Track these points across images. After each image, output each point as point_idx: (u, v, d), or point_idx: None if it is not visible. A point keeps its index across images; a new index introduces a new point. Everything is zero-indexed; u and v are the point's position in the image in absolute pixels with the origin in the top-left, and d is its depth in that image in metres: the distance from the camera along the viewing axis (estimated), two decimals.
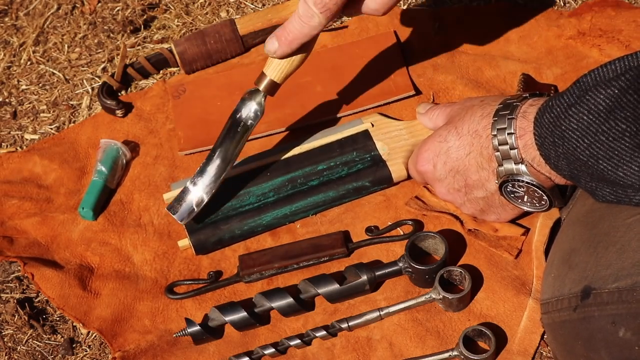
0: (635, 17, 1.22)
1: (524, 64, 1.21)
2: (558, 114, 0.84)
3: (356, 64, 1.24)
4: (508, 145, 0.93)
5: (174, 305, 1.09)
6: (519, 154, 0.92)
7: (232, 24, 1.27)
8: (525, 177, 0.93)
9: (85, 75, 1.33)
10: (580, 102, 0.81)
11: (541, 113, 0.87)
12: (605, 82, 0.80)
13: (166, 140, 1.23)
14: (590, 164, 0.83)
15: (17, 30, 1.40)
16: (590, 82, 0.82)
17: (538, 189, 0.94)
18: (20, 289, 1.14)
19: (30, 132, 1.28)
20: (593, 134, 0.81)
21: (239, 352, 1.04)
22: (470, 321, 1.03)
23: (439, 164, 1.03)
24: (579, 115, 0.82)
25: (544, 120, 0.86)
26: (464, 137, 1.00)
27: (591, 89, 0.81)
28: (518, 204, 0.99)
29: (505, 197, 0.99)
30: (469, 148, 0.99)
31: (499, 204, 1.02)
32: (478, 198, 1.02)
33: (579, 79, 0.83)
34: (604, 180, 0.84)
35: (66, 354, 1.09)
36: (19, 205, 1.18)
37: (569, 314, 0.89)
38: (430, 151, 1.03)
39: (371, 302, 1.06)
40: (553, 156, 0.87)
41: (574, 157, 0.84)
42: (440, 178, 1.04)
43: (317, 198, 1.12)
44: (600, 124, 0.80)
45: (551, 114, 0.85)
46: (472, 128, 0.99)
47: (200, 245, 1.11)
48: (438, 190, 1.06)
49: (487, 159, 0.98)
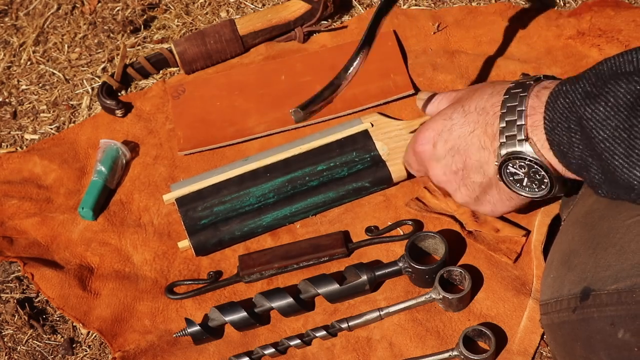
0: (635, 17, 1.22)
1: (524, 63, 1.21)
2: (573, 100, 0.82)
3: None
4: (515, 123, 0.90)
5: (174, 305, 1.09)
6: (525, 132, 0.89)
7: (232, 24, 1.27)
8: (529, 155, 0.90)
9: (85, 75, 1.33)
10: (601, 94, 0.79)
11: (554, 97, 0.84)
12: (626, 76, 0.78)
13: (166, 140, 1.23)
14: (605, 157, 0.80)
15: (17, 30, 1.40)
16: (607, 72, 0.80)
17: (541, 168, 0.91)
18: (20, 289, 1.14)
19: (30, 132, 1.28)
20: (612, 128, 0.78)
21: (239, 352, 1.04)
22: (470, 321, 1.03)
23: (440, 142, 1.00)
24: (595, 105, 0.79)
25: (558, 105, 0.84)
26: (470, 115, 0.97)
27: (610, 81, 0.79)
28: (516, 188, 0.96)
29: (504, 180, 0.95)
30: (474, 125, 0.96)
31: (495, 191, 0.99)
32: (474, 183, 0.99)
33: (595, 66, 0.82)
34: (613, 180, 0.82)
35: (66, 354, 1.09)
36: (19, 206, 1.19)
37: (568, 315, 0.89)
38: (432, 129, 1.01)
39: (371, 302, 1.06)
40: (565, 142, 0.85)
41: (589, 146, 0.82)
42: (439, 158, 1.01)
43: (317, 199, 1.12)
44: (623, 121, 0.78)
45: (566, 100, 0.83)
46: (479, 105, 0.96)
47: (201, 247, 1.11)
48: (433, 172, 1.03)
49: (490, 137, 0.95)
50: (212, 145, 1.20)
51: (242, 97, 1.24)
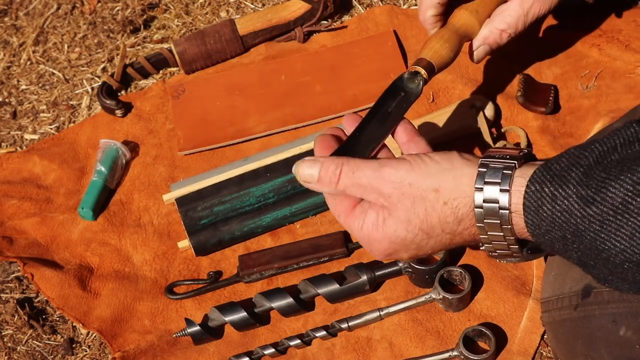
0: (635, 17, 1.22)
1: (524, 63, 1.21)
2: (568, 208, 0.71)
3: (356, 64, 1.24)
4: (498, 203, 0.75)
5: (174, 305, 1.09)
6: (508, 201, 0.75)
7: (232, 24, 1.27)
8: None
9: (85, 75, 1.33)
10: (596, 197, 0.69)
11: (535, 201, 0.73)
12: (617, 172, 0.69)
13: (166, 140, 1.23)
14: (606, 255, 0.71)
15: (17, 30, 1.40)
16: (592, 161, 0.71)
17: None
18: (20, 289, 1.14)
19: (30, 132, 1.28)
20: (615, 229, 0.69)
21: (239, 352, 1.04)
22: (470, 321, 1.03)
23: (401, 251, 0.82)
24: (596, 209, 0.69)
25: (544, 212, 0.72)
26: (441, 236, 0.80)
27: (605, 182, 0.69)
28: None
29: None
30: (448, 241, 0.80)
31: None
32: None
33: (577, 158, 0.72)
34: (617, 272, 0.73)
35: (66, 354, 1.08)
36: (19, 206, 1.18)
37: (569, 312, 0.89)
38: (386, 250, 0.82)
39: (371, 302, 1.06)
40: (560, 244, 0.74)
41: (591, 249, 0.72)
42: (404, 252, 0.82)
43: (317, 199, 1.11)
44: (624, 223, 0.68)
45: (554, 206, 0.71)
46: (447, 229, 0.79)
47: (201, 247, 1.11)
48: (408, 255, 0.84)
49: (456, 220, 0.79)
50: (212, 145, 1.20)
51: (242, 97, 1.24)
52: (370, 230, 0.80)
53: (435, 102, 1.20)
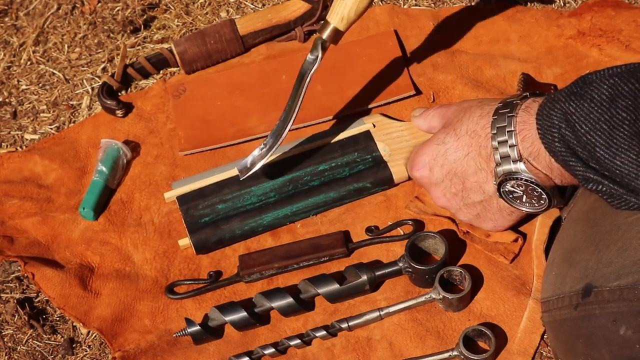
0: (635, 17, 1.22)
1: (524, 63, 1.21)
2: (558, 99, 0.85)
3: (356, 64, 1.24)
4: (507, 143, 0.92)
5: (174, 305, 1.09)
6: (517, 152, 0.92)
7: (232, 24, 1.27)
8: (524, 174, 0.93)
9: (85, 75, 1.33)
10: (582, 92, 0.83)
11: (543, 104, 0.88)
12: (608, 78, 0.82)
13: (167, 139, 1.23)
14: (589, 149, 0.83)
15: (17, 30, 1.40)
16: (593, 77, 0.84)
17: (537, 186, 0.94)
18: (20, 289, 1.14)
19: (30, 132, 1.28)
20: (594, 121, 0.82)
21: (239, 352, 1.04)
22: (470, 321, 1.03)
23: (436, 167, 1.02)
24: (580, 102, 0.83)
25: (544, 110, 0.87)
26: (462, 138, 0.99)
27: (595, 82, 0.83)
28: (517, 205, 0.99)
29: (503, 198, 0.98)
30: (467, 149, 0.99)
31: (496, 208, 1.01)
32: (475, 202, 1.01)
33: (582, 75, 0.85)
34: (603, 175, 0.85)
35: (66, 354, 1.08)
36: (20, 205, 1.18)
37: (569, 312, 0.89)
38: (427, 155, 1.03)
39: (371, 302, 1.06)
40: (557, 140, 0.87)
41: (573, 141, 0.85)
42: (437, 182, 1.03)
43: (318, 199, 1.12)
44: (603, 113, 0.81)
45: (552, 103, 0.86)
46: (470, 128, 0.98)
47: (201, 245, 1.11)
48: (434, 195, 1.05)
49: (485, 159, 0.97)
50: (213, 146, 1.20)
51: (243, 96, 1.24)
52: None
53: (435, 102, 1.20)
